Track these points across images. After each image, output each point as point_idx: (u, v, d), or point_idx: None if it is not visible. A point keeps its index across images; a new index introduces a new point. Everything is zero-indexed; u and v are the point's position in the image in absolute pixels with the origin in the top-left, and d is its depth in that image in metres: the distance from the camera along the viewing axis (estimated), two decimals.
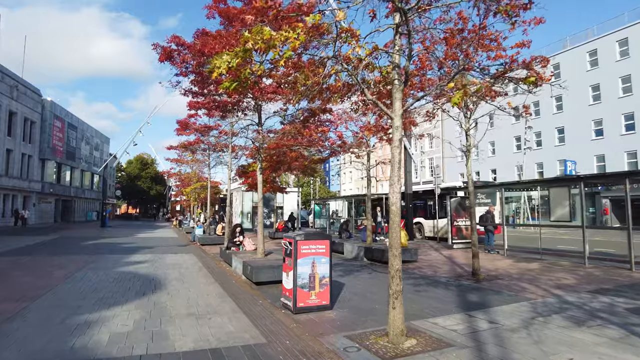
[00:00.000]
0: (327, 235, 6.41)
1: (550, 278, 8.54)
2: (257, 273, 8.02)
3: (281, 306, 6.32)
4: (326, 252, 6.19)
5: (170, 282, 8.54)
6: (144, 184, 77.38)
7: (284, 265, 6.34)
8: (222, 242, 18.19)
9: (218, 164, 20.85)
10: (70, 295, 7.04)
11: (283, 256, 6.39)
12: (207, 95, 10.58)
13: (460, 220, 15.15)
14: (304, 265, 5.99)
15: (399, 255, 4.72)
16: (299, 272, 5.94)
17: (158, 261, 12.09)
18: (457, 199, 15.32)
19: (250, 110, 11.35)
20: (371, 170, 13.11)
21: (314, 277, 6.05)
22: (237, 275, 9.48)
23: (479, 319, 5.45)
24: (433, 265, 10.87)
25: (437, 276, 9.18)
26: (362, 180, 60.79)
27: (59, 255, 13.59)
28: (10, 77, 33.78)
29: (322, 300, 6.08)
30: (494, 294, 7.16)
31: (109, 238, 22.02)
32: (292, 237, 6.05)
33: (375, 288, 7.90)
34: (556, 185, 12.35)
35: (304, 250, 6.01)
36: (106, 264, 11.34)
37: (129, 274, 9.51)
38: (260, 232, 9.94)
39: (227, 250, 11.34)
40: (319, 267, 6.11)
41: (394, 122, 4.71)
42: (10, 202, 35.20)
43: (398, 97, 4.75)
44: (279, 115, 9.70)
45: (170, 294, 7.27)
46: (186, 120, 19.22)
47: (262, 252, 9.78)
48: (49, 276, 9.06)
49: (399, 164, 4.72)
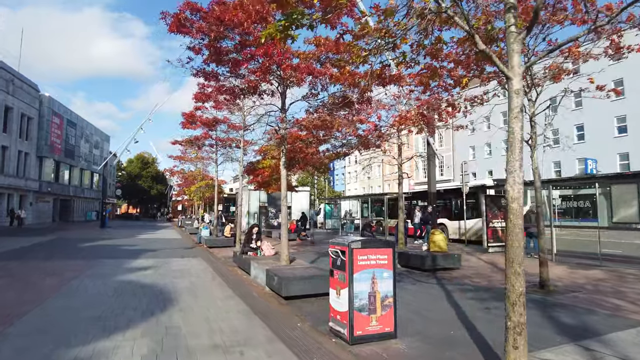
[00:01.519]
0: (390, 243, 5.00)
1: (637, 291, 7.15)
2: (288, 285, 6.63)
3: (329, 332, 4.93)
4: (389, 264, 4.80)
5: (180, 295, 7.15)
6: (144, 184, 75.97)
7: (331, 280, 4.96)
8: (230, 245, 16.84)
9: (226, 160, 19.43)
10: (60, 315, 5.65)
11: (330, 268, 5.00)
12: (223, 76, 9.17)
13: (496, 221, 13.76)
14: (361, 281, 4.60)
15: (523, 274, 3.31)
16: (356, 291, 4.55)
17: (163, 267, 10.71)
18: (493, 198, 13.95)
19: (267, 94, 9.98)
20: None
21: (374, 297, 4.66)
22: (259, 285, 8.08)
23: (605, 355, 4.06)
24: (481, 273, 9.47)
25: (495, 287, 7.78)
26: (368, 180, 59.49)
27: (53, 259, 12.20)
28: (6, 71, 32.37)
29: (385, 326, 4.68)
30: (586, 313, 5.77)
31: (109, 239, 20.62)
32: (345, 244, 4.66)
33: (431, 304, 6.51)
34: (621, 182, 10.98)
35: (361, 262, 4.62)
36: (105, 270, 9.95)
37: (131, 285, 8.12)
38: (284, 235, 8.55)
39: (243, 256, 9.95)
40: (380, 284, 4.72)
41: (512, 83, 3.32)
42: (6, 201, 33.77)
43: (516, 49, 3.36)
44: (309, 101, 8.30)
45: (184, 313, 5.87)
46: (192, 113, 17.85)
47: (286, 258, 8.40)
48: (38, 287, 7.67)
49: (520, 142, 3.33)
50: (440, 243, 10.34)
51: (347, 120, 8.00)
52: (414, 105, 10.55)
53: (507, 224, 3.34)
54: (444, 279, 8.74)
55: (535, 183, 7.62)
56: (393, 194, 21.54)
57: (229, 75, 9.40)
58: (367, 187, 58.72)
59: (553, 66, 7.44)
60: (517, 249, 3.29)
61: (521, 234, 3.32)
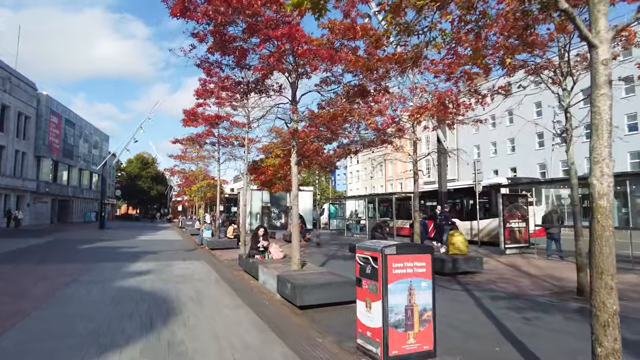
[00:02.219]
0: (428, 248, 4.35)
1: None
2: (303, 293, 5.98)
3: (356, 351, 4.29)
4: (427, 272, 4.16)
5: (184, 304, 6.50)
6: (144, 184, 75.31)
7: (358, 291, 4.31)
8: (233, 246, 16.20)
9: (228, 159, 18.77)
10: (49, 328, 5.00)
11: (356, 277, 4.36)
12: (227, 66, 8.52)
13: (514, 222, 13.12)
14: (397, 292, 3.96)
15: (615, 288, 2.66)
16: (391, 304, 3.91)
17: (165, 271, 10.07)
18: (510, 197, 13.31)
19: (274, 91, 9.36)
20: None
21: (411, 311, 4.02)
22: (268, 292, 7.43)
23: None
24: (505, 278, 8.83)
25: (527, 294, 7.14)
26: (370, 180, 58.82)
27: (48, 263, 11.56)
28: (2, 68, 31.69)
29: (424, 344, 4.04)
30: None
31: (108, 241, 19.97)
32: (377, 250, 4.02)
33: (463, 314, 5.86)
34: None
35: (397, 271, 3.98)
36: (103, 275, 9.30)
37: (130, 291, 7.48)
38: (295, 237, 7.91)
39: (249, 259, 9.30)
40: (418, 295, 4.08)
41: (598, 52, 2.68)
42: (3, 202, 33.10)
43: (602, 10, 2.72)
44: (321, 91, 7.65)
45: (189, 327, 5.23)
46: (194, 110, 17.20)
47: (298, 262, 7.75)
48: (27, 295, 7.02)
49: (608, 125, 2.69)
50: (460, 245, 9.70)
51: (366, 110, 7.33)
52: (429, 99, 9.92)
53: (594, 226, 2.70)
54: (469, 284, 8.10)
55: (572, 180, 6.98)
56: (402, 194, 20.90)
57: (234, 66, 8.77)
58: (370, 187, 58.06)
59: None
60: (608, 257, 2.64)
61: (612, 238, 2.68)
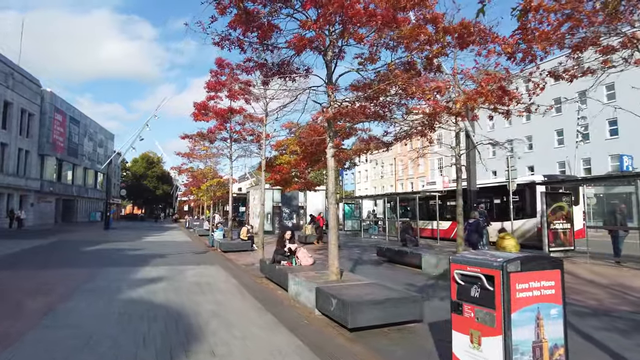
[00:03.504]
0: (557, 261, 3.19)
1: None
2: (356, 313, 4.83)
3: None
4: (557, 294, 3.01)
5: (207, 323, 5.37)
6: (150, 184, 74.55)
7: (456, 319, 3.17)
8: (247, 249, 15.13)
9: (241, 156, 17.68)
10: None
11: (454, 300, 3.22)
12: (250, 46, 7.41)
13: (558, 223, 11.92)
14: (522, 324, 2.82)
15: None
16: (516, 340, 2.78)
17: (177, 278, 8.98)
18: (553, 196, 12.12)
19: (301, 73, 8.26)
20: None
21: (540, 349, 2.88)
22: (304, 307, 6.30)
23: None
24: (572, 288, 7.60)
25: (614, 309, 5.97)
26: (380, 180, 57.61)
27: (50, 267, 10.52)
28: (5, 64, 30.77)
29: None
30: None
31: (113, 242, 18.94)
32: (494, 266, 2.87)
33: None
34: None
35: (522, 294, 2.84)
36: (108, 283, 8.23)
37: (140, 305, 6.38)
38: (333, 242, 6.76)
39: (276, 265, 8.18)
40: (547, 327, 2.94)
41: None
42: (6, 201, 32.21)
43: None
44: (362, 71, 6.50)
45: (218, 357, 4.11)
46: (205, 103, 16.16)
47: (336, 271, 6.62)
48: (19, 312, 5.95)
49: None
50: (511, 249, 8.54)
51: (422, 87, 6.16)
52: (472, 85, 8.77)
53: None
54: None
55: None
56: (427, 192, 19.74)
57: (258, 44, 7.66)
58: (379, 187, 56.83)
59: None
60: None
61: None
